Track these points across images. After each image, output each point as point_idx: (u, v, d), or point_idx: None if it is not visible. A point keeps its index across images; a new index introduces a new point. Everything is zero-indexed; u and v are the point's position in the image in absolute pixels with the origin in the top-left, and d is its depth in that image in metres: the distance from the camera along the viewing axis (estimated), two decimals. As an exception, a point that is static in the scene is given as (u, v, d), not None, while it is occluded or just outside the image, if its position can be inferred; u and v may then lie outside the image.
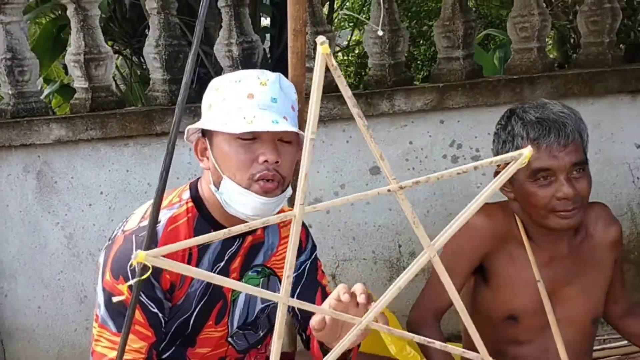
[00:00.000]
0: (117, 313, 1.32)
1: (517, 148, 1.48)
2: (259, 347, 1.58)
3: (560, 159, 1.47)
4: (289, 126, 1.30)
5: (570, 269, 1.61)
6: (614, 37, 2.73)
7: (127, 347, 1.26)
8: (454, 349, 0.77)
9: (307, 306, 0.68)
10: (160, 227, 1.36)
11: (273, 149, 1.30)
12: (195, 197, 1.41)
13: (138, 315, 1.32)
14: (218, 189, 1.34)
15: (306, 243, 1.59)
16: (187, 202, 1.40)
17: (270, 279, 1.51)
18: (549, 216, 1.50)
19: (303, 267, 1.57)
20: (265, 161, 1.29)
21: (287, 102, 1.34)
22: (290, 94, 1.37)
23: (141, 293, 1.32)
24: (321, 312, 1.19)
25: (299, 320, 1.58)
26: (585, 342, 1.66)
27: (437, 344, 0.73)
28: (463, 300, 1.56)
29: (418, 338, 0.73)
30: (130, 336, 1.29)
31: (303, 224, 1.57)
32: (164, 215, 1.36)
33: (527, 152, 0.67)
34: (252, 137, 1.30)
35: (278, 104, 1.31)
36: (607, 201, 2.70)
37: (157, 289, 1.34)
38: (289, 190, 1.37)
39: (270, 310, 1.54)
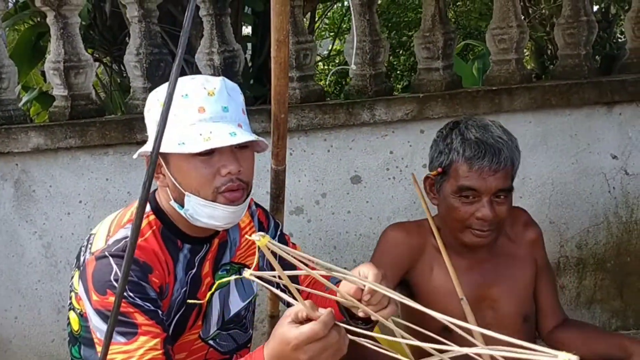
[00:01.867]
0: (120, 326, 1.30)
1: (451, 161, 1.56)
2: (248, 346, 1.57)
3: (488, 183, 1.53)
4: (247, 135, 1.29)
5: (493, 272, 1.69)
6: (590, 49, 2.79)
7: (142, 350, 1.25)
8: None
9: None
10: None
11: (233, 159, 1.29)
12: (157, 209, 1.39)
13: (140, 318, 1.29)
14: (182, 205, 1.32)
15: (267, 223, 1.59)
16: (148, 216, 1.38)
17: (242, 272, 1.51)
18: (464, 231, 1.59)
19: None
20: (228, 172, 1.29)
21: (237, 107, 1.33)
22: (238, 98, 1.35)
23: (135, 297, 1.30)
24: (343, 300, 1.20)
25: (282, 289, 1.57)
26: (520, 339, 1.69)
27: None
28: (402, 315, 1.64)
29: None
30: (142, 338, 1.27)
31: (259, 206, 1.58)
32: (129, 231, 1.34)
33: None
34: (211, 152, 1.28)
35: (230, 112, 1.30)
36: (583, 210, 2.75)
37: (149, 289, 1.32)
38: (252, 194, 1.38)
39: (253, 306, 1.54)
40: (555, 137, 2.69)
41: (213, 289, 1.45)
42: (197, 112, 1.27)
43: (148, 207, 1.39)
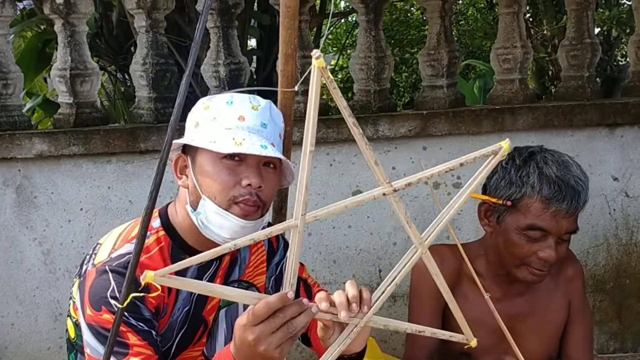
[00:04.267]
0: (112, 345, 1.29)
1: (524, 195, 1.44)
2: None
3: (561, 225, 1.44)
4: (277, 153, 1.30)
5: (525, 306, 1.60)
6: (593, 71, 2.81)
7: None
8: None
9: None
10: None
11: (257, 173, 1.29)
12: (167, 225, 1.38)
13: (133, 338, 1.29)
14: (195, 209, 1.32)
15: (277, 243, 1.57)
16: (157, 232, 1.37)
17: (249, 291, 1.50)
18: (521, 267, 1.49)
19: (280, 267, 1.55)
20: (249, 185, 1.28)
21: (275, 129, 1.35)
22: (279, 123, 1.37)
23: (129, 317, 1.29)
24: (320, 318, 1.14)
25: None
26: None
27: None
28: (430, 338, 1.56)
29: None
30: (133, 359, 1.27)
31: (269, 224, 1.57)
32: (134, 247, 1.33)
33: (505, 145, 0.68)
34: (238, 160, 1.29)
35: (267, 130, 1.31)
36: (583, 232, 2.75)
37: (143, 310, 1.32)
38: (267, 217, 1.36)
39: None
40: (557, 157, 2.70)
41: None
42: (236, 119, 1.29)
43: (158, 222, 1.38)
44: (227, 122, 1.30)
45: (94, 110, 2.52)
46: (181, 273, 1.36)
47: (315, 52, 0.61)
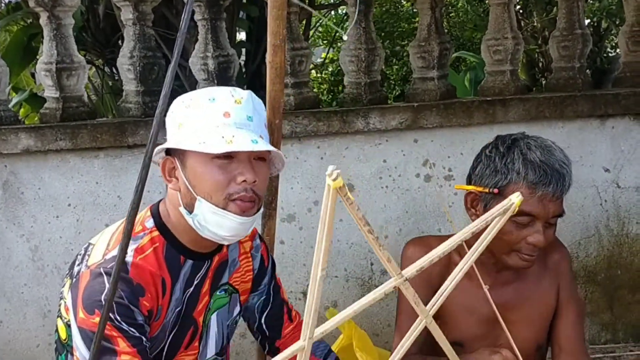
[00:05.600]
0: (101, 351, 1.26)
1: (510, 182, 1.44)
2: None
3: (548, 209, 1.45)
4: (268, 145, 1.28)
5: (515, 294, 1.60)
6: (584, 62, 2.80)
7: None
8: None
9: None
10: (128, 258, 1.30)
11: (250, 168, 1.27)
12: (160, 225, 1.36)
13: (122, 344, 1.27)
14: (190, 211, 1.29)
15: (268, 261, 1.56)
16: (151, 232, 1.35)
17: (232, 297, 1.49)
18: (511, 254, 1.49)
19: (268, 288, 1.55)
20: (244, 181, 1.26)
21: (261, 120, 1.33)
22: (262, 112, 1.35)
23: (121, 321, 1.27)
24: None
25: (263, 331, 1.57)
26: None
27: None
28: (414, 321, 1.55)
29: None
30: None
31: (263, 241, 1.56)
32: (129, 247, 1.30)
33: (517, 200, 0.65)
34: (229, 157, 1.27)
35: (254, 123, 1.29)
36: (575, 223, 2.75)
37: (137, 314, 1.29)
38: (261, 209, 1.35)
39: (229, 328, 1.52)
40: (548, 149, 2.70)
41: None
42: (222, 116, 1.27)
43: (151, 222, 1.36)
44: (212, 120, 1.27)
45: (81, 105, 2.49)
46: (175, 273, 1.35)
47: (331, 169, 0.54)
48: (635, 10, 2.83)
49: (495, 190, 1.46)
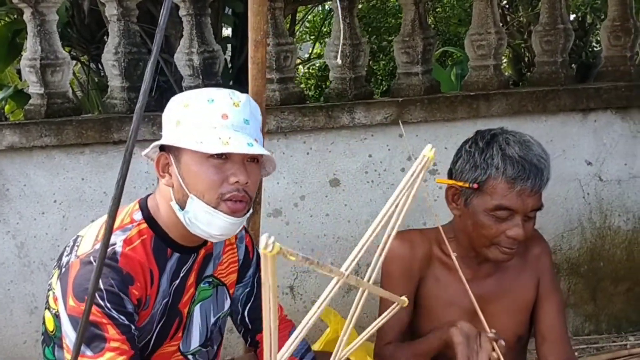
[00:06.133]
0: (90, 337, 1.29)
1: (489, 177, 1.47)
2: None
3: (526, 203, 1.47)
4: (263, 149, 1.32)
5: (495, 286, 1.63)
6: (566, 57, 2.83)
7: None
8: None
9: None
10: (117, 248, 1.33)
11: (243, 170, 1.31)
12: (148, 218, 1.39)
13: (112, 331, 1.29)
14: (182, 207, 1.33)
15: (253, 253, 1.59)
16: (139, 224, 1.38)
17: (219, 289, 1.51)
18: (490, 247, 1.52)
19: (252, 280, 1.58)
20: (237, 182, 1.30)
21: (257, 124, 1.37)
22: (258, 117, 1.39)
23: (111, 309, 1.30)
24: None
25: (246, 324, 1.59)
26: (511, 358, 1.65)
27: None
28: (399, 319, 1.58)
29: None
30: (108, 354, 1.28)
31: (248, 232, 1.58)
32: (117, 237, 1.34)
33: (430, 154, 0.68)
34: (224, 157, 1.30)
35: (250, 126, 1.33)
36: (558, 216, 2.79)
37: (127, 302, 1.32)
38: (251, 210, 1.39)
39: (221, 322, 1.53)
40: (531, 142, 2.72)
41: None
42: (220, 118, 1.30)
43: (139, 215, 1.39)
44: (211, 121, 1.30)
45: (65, 101, 2.48)
46: (162, 265, 1.37)
47: (265, 241, 0.52)
48: (617, 4, 2.86)
49: (475, 185, 1.49)
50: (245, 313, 1.58)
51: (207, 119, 1.30)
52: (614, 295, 2.91)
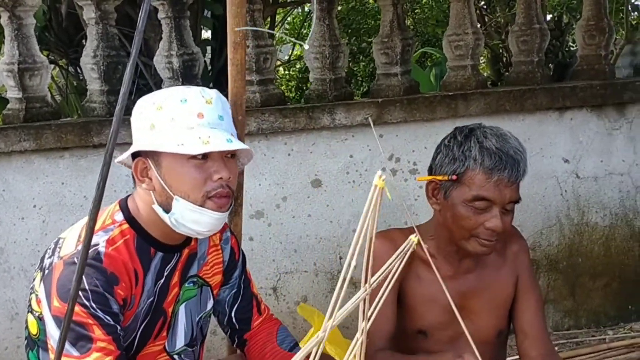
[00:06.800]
0: (76, 337, 1.29)
1: (467, 169, 1.50)
2: None
3: (504, 194, 1.50)
4: (241, 144, 1.35)
5: (476, 282, 1.66)
6: (542, 56, 2.87)
7: None
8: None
9: None
10: (101, 249, 1.34)
11: (224, 166, 1.33)
12: (130, 218, 1.39)
13: (98, 332, 1.30)
14: (167, 209, 1.33)
15: (239, 254, 1.60)
16: (121, 225, 1.38)
17: (203, 289, 1.52)
18: (470, 240, 1.55)
19: (239, 281, 1.59)
20: (220, 178, 1.32)
21: (229, 119, 1.38)
22: (229, 110, 1.41)
23: (97, 309, 1.30)
24: None
25: (233, 325, 1.59)
26: (492, 353, 1.70)
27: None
28: (387, 320, 1.59)
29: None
30: (94, 354, 1.28)
31: (233, 234, 1.59)
32: (100, 238, 1.34)
33: (415, 239, 0.72)
34: (204, 157, 1.32)
35: (225, 122, 1.35)
36: (536, 213, 2.83)
37: (112, 302, 1.32)
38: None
39: (203, 321, 1.54)
40: (509, 141, 2.76)
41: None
42: (196, 117, 1.31)
43: (121, 216, 1.39)
44: (187, 121, 1.31)
45: (44, 105, 2.47)
46: (146, 264, 1.38)
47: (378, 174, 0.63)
48: (592, 4, 2.91)
49: (454, 177, 1.53)
50: (232, 314, 1.58)
51: (183, 120, 1.31)
52: (593, 291, 2.96)
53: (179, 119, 1.31)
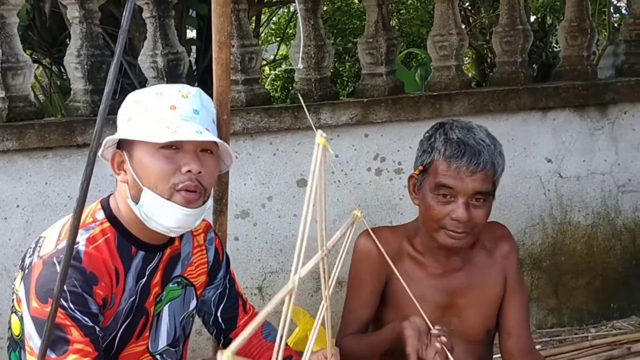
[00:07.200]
0: (53, 339, 1.27)
1: (433, 160, 1.54)
2: None
3: (465, 183, 1.52)
4: (212, 136, 1.31)
5: (464, 281, 1.67)
6: (526, 57, 2.90)
7: None
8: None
9: None
10: (80, 247, 1.32)
11: (196, 159, 1.31)
12: (111, 217, 1.38)
13: (75, 333, 1.28)
14: (137, 202, 1.32)
15: (223, 255, 1.60)
16: (102, 223, 1.37)
17: (187, 289, 1.51)
18: (439, 231, 1.56)
19: (224, 281, 1.58)
20: (189, 171, 1.29)
21: (208, 115, 1.36)
22: (211, 109, 1.39)
23: (75, 310, 1.29)
24: None
25: (219, 325, 1.59)
26: (480, 350, 1.72)
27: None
28: (360, 313, 1.60)
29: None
30: (71, 356, 1.27)
31: (217, 235, 1.59)
32: (81, 236, 1.33)
33: (359, 213, 0.74)
34: (175, 148, 1.30)
35: (200, 116, 1.33)
36: (520, 212, 2.86)
37: (91, 303, 1.31)
38: (210, 202, 1.38)
39: (185, 321, 1.54)
40: (493, 141, 2.79)
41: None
42: (168, 109, 1.30)
43: (102, 214, 1.38)
44: (159, 112, 1.30)
45: (27, 104, 2.45)
46: (127, 263, 1.37)
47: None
48: (574, 6, 2.94)
49: (421, 168, 1.57)
50: (219, 313, 1.58)
51: (156, 111, 1.30)
52: (575, 289, 2.99)
53: (153, 109, 1.31)
